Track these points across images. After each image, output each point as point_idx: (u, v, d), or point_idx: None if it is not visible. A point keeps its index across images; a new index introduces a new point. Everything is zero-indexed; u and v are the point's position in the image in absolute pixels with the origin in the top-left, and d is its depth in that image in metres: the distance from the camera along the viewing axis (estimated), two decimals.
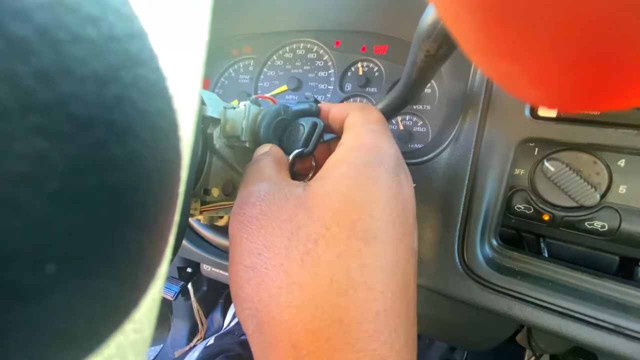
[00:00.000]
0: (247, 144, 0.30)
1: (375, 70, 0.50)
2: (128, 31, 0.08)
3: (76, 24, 0.07)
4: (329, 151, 0.33)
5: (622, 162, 0.31)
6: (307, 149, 0.31)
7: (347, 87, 0.52)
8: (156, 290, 0.13)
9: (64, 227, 0.08)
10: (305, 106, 0.32)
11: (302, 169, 0.33)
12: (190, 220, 0.53)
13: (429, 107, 0.47)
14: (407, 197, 0.24)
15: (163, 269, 0.13)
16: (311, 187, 0.22)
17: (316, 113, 0.32)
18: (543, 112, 0.31)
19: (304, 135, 0.31)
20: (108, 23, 0.08)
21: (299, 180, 0.25)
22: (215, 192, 0.30)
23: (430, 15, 0.25)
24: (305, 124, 0.31)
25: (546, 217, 0.34)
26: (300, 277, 0.19)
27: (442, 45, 0.26)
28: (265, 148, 0.29)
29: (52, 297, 0.08)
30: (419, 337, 0.80)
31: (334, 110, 0.31)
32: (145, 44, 0.09)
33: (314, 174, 0.32)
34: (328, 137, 0.35)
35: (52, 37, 0.07)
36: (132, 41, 0.08)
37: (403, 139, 0.47)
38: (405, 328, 0.20)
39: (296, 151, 0.31)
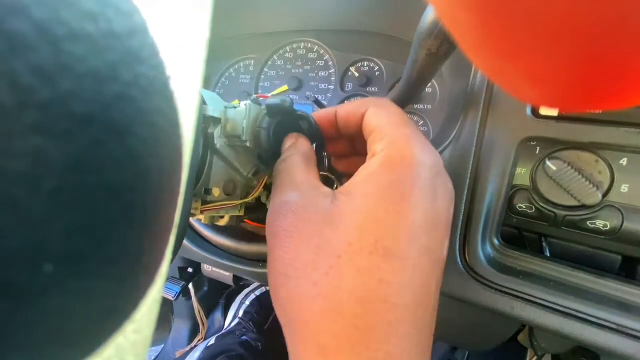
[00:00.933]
0: (248, 144, 0.30)
1: (376, 69, 0.50)
2: (128, 28, 0.08)
3: (75, 20, 0.07)
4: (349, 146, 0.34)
5: (624, 161, 0.31)
6: (319, 141, 0.31)
7: (347, 87, 0.52)
8: (156, 291, 0.13)
9: (62, 227, 0.07)
10: (276, 101, 0.31)
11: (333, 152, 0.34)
12: (191, 220, 0.53)
13: (430, 107, 0.47)
14: (441, 209, 0.24)
15: (163, 269, 0.13)
16: (339, 201, 0.23)
17: (289, 107, 0.31)
18: (545, 111, 0.31)
19: (309, 130, 0.31)
20: (107, 19, 0.08)
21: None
22: (216, 191, 0.30)
23: (431, 13, 0.25)
24: (303, 120, 0.31)
25: (548, 217, 0.34)
26: (325, 288, 0.21)
27: (444, 44, 0.26)
28: (292, 140, 0.30)
29: (49, 298, 0.08)
30: None
31: (343, 110, 0.30)
32: (146, 41, 0.09)
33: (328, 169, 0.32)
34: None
35: (50, 33, 0.07)
36: (132, 38, 0.08)
37: None
38: (417, 332, 0.22)
39: (314, 145, 0.31)
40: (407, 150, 0.24)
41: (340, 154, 0.35)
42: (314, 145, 0.32)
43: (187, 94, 0.11)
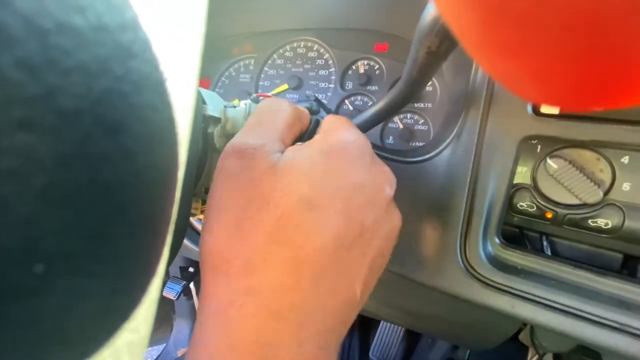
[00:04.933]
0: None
1: (376, 68, 0.50)
2: (118, 21, 0.08)
3: (61, 12, 0.07)
4: None
5: (625, 159, 0.30)
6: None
7: (347, 86, 0.52)
8: (154, 290, 0.13)
9: (53, 225, 0.07)
10: (305, 105, 0.32)
11: None
12: (192, 219, 0.53)
13: (430, 105, 0.46)
14: (363, 181, 0.26)
15: (161, 268, 0.13)
16: (285, 158, 0.25)
17: (316, 111, 0.32)
18: (545, 109, 0.31)
19: (306, 133, 0.31)
20: (96, 12, 0.08)
21: None
22: None
23: (431, 11, 0.25)
24: (316, 121, 0.31)
25: (549, 215, 0.34)
26: (246, 225, 0.23)
27: (444, 42, 0.26)
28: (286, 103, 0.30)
29: (42, 297, 0.08)
30: (421, 336, 0.79)
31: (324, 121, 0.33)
32: (138, 36, 0.09)
33: None
34: None
35: (36, 25, 0.07)
36: (123, 32, 0.08)
37: (404, 137, 0.47)
38: (328, 277, 0.23)
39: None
40: (341, 130, 0.28)
41: None
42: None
43: (183, 91, 0.11)
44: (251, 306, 0.22)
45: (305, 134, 0.31)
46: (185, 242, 0.52)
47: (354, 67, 0.52)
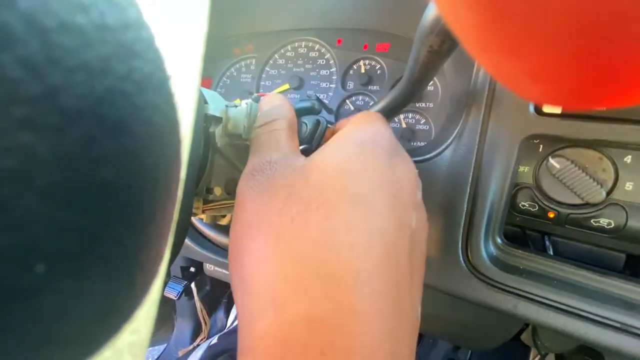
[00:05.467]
0: (249, 143, 0.30)
1: (377, 68, 0.50)
2: (121, 20, 0.08)
3: (64, 11, 0.07)
4: None
5: (628, 159, 0.30)
6: (311, 146, 0.31)
7: (349, 86, 0.52)
8: (155, 290, 0.13)
9: (54, 225, 0.07)
10: (307, 104, 0.32)
11: None
12: (193, 219, 0.53)
13: (431, 105, 0.46)
14: (403, 176, 0.25)
15: (162, 269, 0.13)
16: (311, 158, 0.24)
17: (318, 111, 0.32)
18: (548, 108, 0.31)
19: (307, 133, 0.31)
20: (99, 11, 0.07)
21: None
22: (218, 190, 0.30)
23: (433, 10, 0.25)
24: (308, 121, 0.31)
25: (551, 215, 0.34)
26: (288, 233, 0.20)
27: (445, 41, 0.26)
28: (275, 100, 0.29)
29: (43, 298, 0.07)
30: (423, 336, 0.79)
31: (340, 123, 0.31)
32: (140, 35, 0.09)
33: None
34: None
35: (39, 24, 0.07)
36: (126, 31, 0.08)
37: (406, 136, 0.46)
38: (390, 295, 0.20)
39: (300, 148, 0.31)
40: (370, 125, 0.26)
41: None
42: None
43: (185, 90, 0.11)
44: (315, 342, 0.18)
45: (307, 136, 0.31)
46: (187, 241, 0.52)
47: (355, 67, 0.52)
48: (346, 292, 0.19)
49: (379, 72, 0.50)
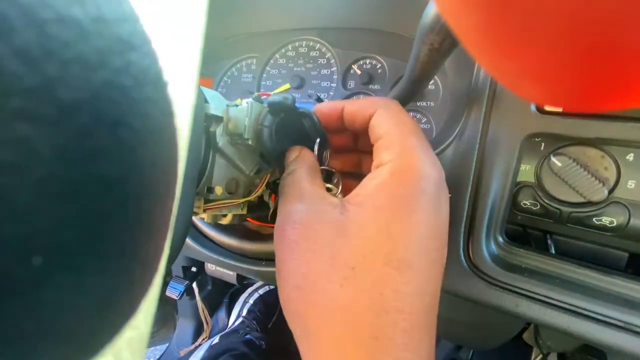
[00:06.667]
0: (249, 142, 0.30)
1: (378, 67, 0.50)
2: (118, 14, 0.08)
3: (61, 3, 0.07)
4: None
5: (630, 157, 0.30)
6: (322, 138, 0.31)
7: (349, 85, 0.52)
8: (154, 287, 0.13)
9: (50, 218, 0.07)
10: (278, 99, 0.30)
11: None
12: (194, 218, 0.53)
13: (432, 104, 0.46)
14: (444, 219, 0.25)
15: (162, 264, 0.13)
16: (349, 212, 0.24)
17: (291, 105, 0.31)
18: (549, 106, 0.31)
19: (312, 127, 0.31)
20: (96, 4, 0.07)
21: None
22: (219, 190, 0.30)
23: (433, 8, 0.25)
24: (305, 118, 0.31)
25: (553, 213, 0.34)
26: (341, 300, 0.22)
27: (446, 39, 0.26)
28: (295, 153, 0.30)
29: (39, 291, 0.07)
30: None
31: (351, 108, 0.30)
32: (137, 28, 0.09)
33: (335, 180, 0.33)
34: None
35: (35, 16, 0.07)
36: (123, 24, 0.08)
37: None
38: (428, 337, 0.23)
39: (317, 142, 0.31)
40: (416, 162, 0.24)
41: (341, 148, 0.35)
42: (317, 141, 0.32)
43: (183, 85, 0.11)
44: None
45: (312, 130, 0.31)
46: (188, 241, 0.52)
47: (355, 66, 0.52)
48: (398, 350, 0.22)
49: (379, 71, 0.50)
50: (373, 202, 0.23)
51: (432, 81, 0.46)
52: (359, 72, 0.51)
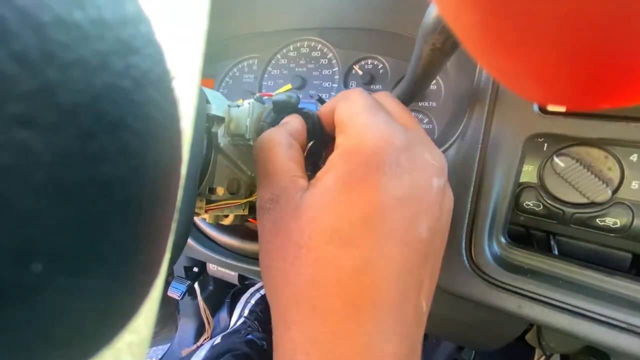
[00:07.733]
0: (251, 142, 0.30)
1: (379, 67, 0.50)
2: (119, 16, 0.08)
3: (60, 6, 0.07)
4: None
5: (634, 157, 0.30)
6: (318, 139, 0.31)
7: (351, 85, 0.52)
8: (156, 290, 0.13)
9: (50, 223, 0.07)
10: (282, 97, 0.30)
11: None
12: (196, 219, 0.53)
13: (434, 104, 0.46)
14: (415, 184, 0.24)
15: (163, 268, 0.13)
16: (305, 196, 0.25)
17: (295, 104, 0.31)
18: (552, 106, 0.31)
19: (312, 127, 0.31)
20: (96, 6, 0.07)
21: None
22: (221, 190, 0.30)
23: (435, 8, 0.25)
24: (307, 118, 0.31)
25: (556, 214, 0.34)
26: (290, 277, 0.24)
27: (448, 39, 0.25)
28: (286, 119, 0.30)
29: (40, 296, 0.07)
30: (426, 336, 0.79)
31: (323, 109, 0.30)
32: (138, 31, 0.09)
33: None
34: None
35: (34, 19, 0.06)
36: (124, 27, 0.08)
37: None
38: (391, 321, 0.23)
39: (310, 144, 0.31)
40: (363, 139, 0.24)
41: None
42: (310, 144, 0.32)
43: (186, 87, 0.11)
44: (315, 356, 0.22)
45: (310, 134, 0.31)
46: (190, 241, 0.52)
47: (357, 66, 0.52)
48: (336, 319, 0.23)
49: (381, 71, 0.50)
50: (322, 184, 0.24)
51: (434, 81, 0.45)
52: (360, 72, 0.51)
